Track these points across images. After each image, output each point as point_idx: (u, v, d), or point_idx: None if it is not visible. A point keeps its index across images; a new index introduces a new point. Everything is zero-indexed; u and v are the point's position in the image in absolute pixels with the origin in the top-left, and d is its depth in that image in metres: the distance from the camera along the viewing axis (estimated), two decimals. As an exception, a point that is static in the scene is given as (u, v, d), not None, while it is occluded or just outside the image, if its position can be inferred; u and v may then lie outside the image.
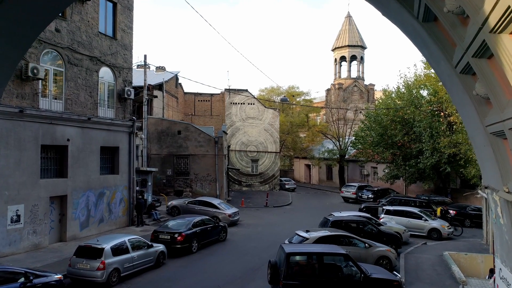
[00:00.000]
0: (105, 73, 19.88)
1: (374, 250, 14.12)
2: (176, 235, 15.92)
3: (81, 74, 18.23)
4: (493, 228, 6.98)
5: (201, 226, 17.39)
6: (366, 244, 14.19)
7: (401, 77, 38.30)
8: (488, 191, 6.76)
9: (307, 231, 14.39)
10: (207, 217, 18.90)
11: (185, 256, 15.92)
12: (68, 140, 17.31)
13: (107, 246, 12.09)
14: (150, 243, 14.19)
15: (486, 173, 6.68)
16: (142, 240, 14.01)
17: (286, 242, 14.35)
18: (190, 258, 15.80)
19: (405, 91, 33.21)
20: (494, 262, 9.85)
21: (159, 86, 34.10)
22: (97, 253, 11.89)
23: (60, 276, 10.57)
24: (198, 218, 17.73)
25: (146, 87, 27.50)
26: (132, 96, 21.37)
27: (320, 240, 13.28)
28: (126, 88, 20.89)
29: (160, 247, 14.60)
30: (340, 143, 44.59)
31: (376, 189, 34.47)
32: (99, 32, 19.27)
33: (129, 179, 21.16)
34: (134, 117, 21.80)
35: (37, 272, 10.08)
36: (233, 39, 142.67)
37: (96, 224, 18.87)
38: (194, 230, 16.73)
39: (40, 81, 15.95)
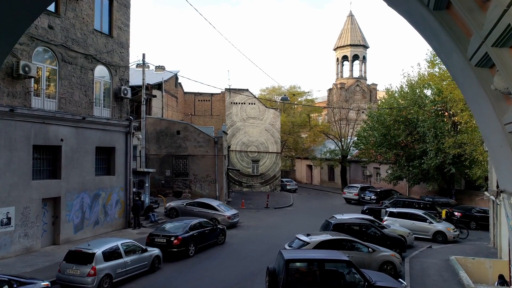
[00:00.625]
0: (100, 72, 19.38)
1: (378, 255, 13.54)
2: (172, 239, 15.38)
3: (75, 72, 17.73)
4: (510, 236, 6.41)
5: (198, 229, 16.86)
6: (369, 249, 13.62)
7: (405, 76, 37.73)
8: (504, 196, 6.21)
9: (308, 235, 13.84)
10: (205, 220, 18.36)
11: (182, 260, 15.38)
12: (61, 140, 16.80)
13: (98, 251, 11.56)
14: (144, 247, 13.65)
15: (503, 176, 6.11)
16: (136, 244, 13.47)
17: (286, 246, 13.80)
18: (186, 262, 15.26)
19: (408, 91, 32.63)
20: (510, 272, 9.29)
21: (158, 86, 33.66)
22: (88, 258, 11.36)
23: (47, 283, 10.04)
24: (195, 221, 17.20)
25: (144, 86, 27.03)
26: (129, 95, 20.85)
27: (322, 245, 12.70)
28: (123, 87, 20.38)
29: (155, 251, 14.07)
30: (342, 143, 44.02)
31: (378, 190, 33.87)
32: (94, 29, 18.77)
33: (125, 180, 20.64)
34: (131, 117, 21.28)
35: (22, 280, 9.56)
36: (234, 39, 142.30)
37: (91, 227, 18.36)
38: (191, 233, 16.20)
39: (32, 79, 15.46)
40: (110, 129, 19.74)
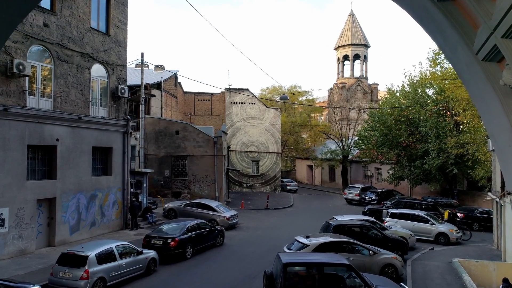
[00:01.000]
0: (97, 71, 19.09)
1: (379, 258, 13.21)
2: (169, 240, 15.07)
3: (71, 71, 17.45)
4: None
5: (196, 230, 16.55)
6: (370, 251, 13.28)
7: (406, 76, 37.29)
8: (512, 198, 5.90)
9: (307, 237, 13.53)
10: (203, 221, 18.05)
11: (179, 262, 15.07)
12: (57, 140, 16.51)
13: (91, 254, 11.27)
14: (140, 249, 13.35)
15: (510, 177, 5.79)
16: (131, 246, 13.17)
17: (285, 248, 13.49)
18: (183, 264, 14.94)
19: (410, 90, 32.27)
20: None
21: (158, 85, 33.40)
22: (81, 261, 11.06)
23: (38, 287, 9.74)
24: (193, 222, 16.90)
25: (143, 86, 26.74)
26: (126, 95, 20.56)
27: (321, 247, 12.39)
28: (120, 86, 20.10)
29: (151, 253, 13.76)
30: (343, 143, 43.68)
31: (380, 191, 33.49)
32: (91, 27, 18.49)
33: (123, 180, 20.34)
34: (128, 117, 20.97)
35: (11, 284, 9.27)
36: (235, 39, 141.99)
37: (88, 228, 18.07)
38: (188, 234, 15.89)
39: (27, 78, 15.18)
40: (107, 129, 19.46)
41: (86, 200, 18.03)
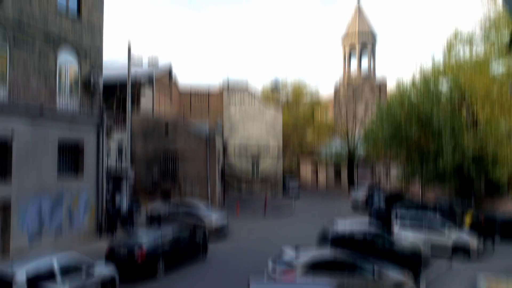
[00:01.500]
0: (66, 57, 16.88)
1: (386, 282, 10.57)
2: (136, 253, 12.70)
3: (33, 57, 15.24)
4: None
5: (173, 240, 14.14)
6: (375, 274, 10.64)
7: (417, 69, 34.37)
8: None
9: (296, 250, 11.03)
10: (185, 229, 15.68)
11: (147, 281, 12.62)
12: (12, 136, 14.31)
13: (21, 275, 8.94)
14: (93, 264, 10.94)
15: None
16: (81, 261, 10.76)
17: (270, 262, 11.07)
18: (151, 286, 12.48)
19: (422, 84, 29.42)
20: None
21: (150, 81, 31.21)
22: (5, 284, 8.75)
23: None
24: (171, 230, 14.54)
25: (129, 79, 24.40)
26: (101, 86, 18.30)
27: (313, 267, 9.88)
28: (94, 76, 17.83)
29: (107, 271, 11.36)
30: (349, 143, 41.00)
31: (388, 194, 30.68)
32: (58, 7, 16.25)
33: (96, 182, 18.05)
34: (103, 110, 18.71)
35: None
36: (235, 38, 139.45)
37: (52, 236, 15.80)
38: (161, 246, 13.49)
39: (-28, 63, 13.03)
40: (78, 124, 17.21)
41: (50, 204, 15.79)
